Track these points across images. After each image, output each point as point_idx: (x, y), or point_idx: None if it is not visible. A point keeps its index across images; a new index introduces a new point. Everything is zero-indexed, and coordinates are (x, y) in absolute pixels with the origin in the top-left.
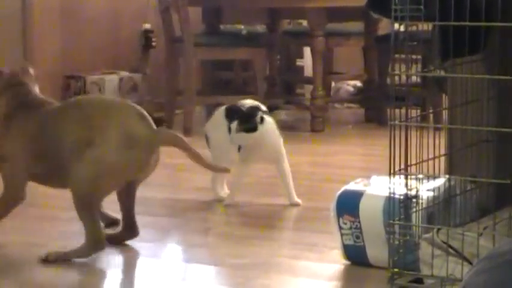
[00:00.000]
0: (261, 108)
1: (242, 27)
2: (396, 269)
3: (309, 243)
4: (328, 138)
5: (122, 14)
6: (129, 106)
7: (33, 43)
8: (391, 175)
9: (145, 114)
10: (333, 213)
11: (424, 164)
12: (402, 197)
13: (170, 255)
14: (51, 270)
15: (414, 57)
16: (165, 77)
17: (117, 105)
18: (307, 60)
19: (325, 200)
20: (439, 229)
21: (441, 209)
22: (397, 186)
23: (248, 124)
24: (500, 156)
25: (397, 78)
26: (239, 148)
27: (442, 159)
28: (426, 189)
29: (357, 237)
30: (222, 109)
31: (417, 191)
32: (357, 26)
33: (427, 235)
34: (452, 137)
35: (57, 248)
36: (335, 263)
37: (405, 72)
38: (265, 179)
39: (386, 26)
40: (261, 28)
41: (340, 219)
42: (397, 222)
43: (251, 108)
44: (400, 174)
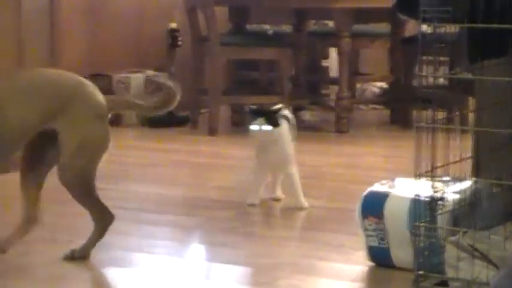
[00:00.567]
0: (284, 112)
1: (268, 27)
2: (421, 272)
3: (334, 244)
4: (353, 139)
5: (149, 13)
6: (81, 78)
7: (60, 41)
8: (416, 177)
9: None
10: (357, 215)
11: (450, 166)
12: (428, 199)
13: (193, 254)
14: (73, 265)
15: (441, 59)
16: (190, 76)
17: (72, 78)
18: (332, 61)
19: (350, 201)
20: (465, 232)
21: (467, 212)
22: (423, 188)
23: (270, 120)
24: None
25: (423, 80)
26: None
27: (468, 161)
28: (452, 192)
29: (382, 239)
30: None
31: (443, 193)
32: (383, 27)
33: (452, 238)
34: (479, 139)
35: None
36: (360, 264)
37: (432, 74)
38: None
39: (412, 27)
40: (286, 28)
41: (365, 221)
42: (422, 224)
43: (274, 109)
44: (425, 176)
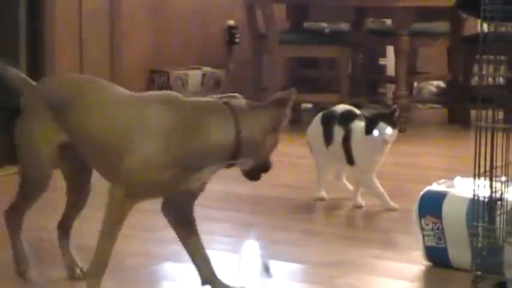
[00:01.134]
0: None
1: (325, 25)
2: (479, 272)
3: (392, 243)
4: (411, 138)
5: (209, 10)
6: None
7: (121, 38)
8: (475, 177)
9: None
10: (415, 214)
11: (510, 166)
12: (487, 199)
13: (251, 251)
14: (132, 259)
15: (502, 58)
16: (248, 74)
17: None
18: (389, 59)
19: (409, 200)
20: None
21: None
22: (482, 188)
23: (394, 121)
24: None
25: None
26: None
27: None
28: (511, 192)
29: (439, 239)
30: (319, 115)
31: (502, 193)
32: (442, 25)
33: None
34: None
35: (145, 239)
36: (417, 264)
37: (493, 73)
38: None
39: (472, 26)
40: (344, 26)
41: (423, 220)
42: (481, 224)
43: (389, 111)
44: (484, 176)
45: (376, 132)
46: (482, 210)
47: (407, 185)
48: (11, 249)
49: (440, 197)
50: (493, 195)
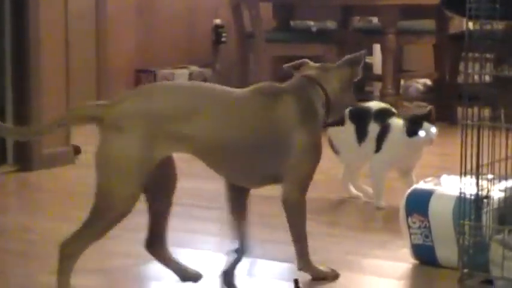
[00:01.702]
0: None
1: (312, 23)
2: (466, 270)
3: (378, 241)
4: None
5: (195, 9)
6: None
7: (107, 37)
8: (462, 175)
9: None
10: (402, 212)
11: (496, 164)
12: (473, 197)
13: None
14: (118, 260)
15: (487, 56)
16: (235, 72)
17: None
18: (376, 58)
19: (395, 198)
20: (510, 230)
21: None
22: (468, 186)
23: (432, 119)
24: None
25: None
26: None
27: None
28: (498, 190)
29: (426, 237)
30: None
31: (488, 191)
32: (428, 24)
33: (498, 236)
34: None
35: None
36: (404, 262)
37: (478, 71)
38: (337, 177)
39: (458, 24)
40: (330, 24)
41: (409, 218)
42: (467, 222)
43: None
44: (471, 174)
45: (422, 133)
46: (469, 208)
47: (393, 183)
48: None
49: (427, 195)
50: (480, 193)
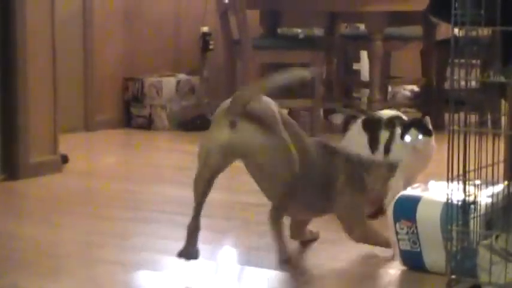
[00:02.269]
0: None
1: (299, 30)
2: (454, 276)
3: (365, 247)
4: None
5: (182, 17)
6: None
7: (94, 45)
8: (449, 180)
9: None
10: (389, 218)
11: (483, 169)
12: (460, 203)
13: (227, 257)
14: (106, 268)
15: (474, 62)
16: (223, 80)
17: None
18: (364, 64)
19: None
20: (497, 235)
21: (500, 216)
22: (456, 191)
23: (423, 128)
24: None
25: (455, 83)
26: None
27: (501, 165)
28: (485, 195)
29: (414, 243)
30: (358, 122)
31: (475, 197)
32: (415, 30)
33: (485, 241)
34: None
35: (117, 247)
36: (392, 268)
37: (465, 77)
38: None
39: (444, 30)
40: (318, 31)
41: (397, 224)
42: (455, 228)
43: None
44: (458, 179)
45: (407, 138)
46: (456, 214)
47: None
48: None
49: (415, 201)
50: (467, 198)
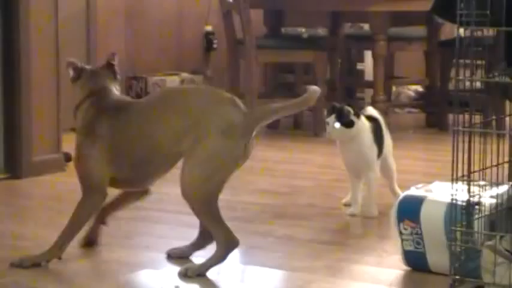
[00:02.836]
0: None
1: (303, 30)
2: (457, 276)
3: (369, 247)
4: None
5: (186, 16)
6: (219, 93)
7: (97, 44)
8: (453, 181)
9: (234, 99)
10: (393, 219)
11: (487, 170)
12: (464, 204)
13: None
14: (110, 267)
15: (478, 62)
16: (226, 79)
17: (208, 94)
18: (367, 64)
19: (386, 205)
20: (502, 236)
21: (504, 217)
22: (460, 192)
23: (343, 118)
24: None
25: (460, 83)
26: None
27: (505, 166)
28: (489, 196)
29: (418, 243)
30: (367, 125)
31: (480, 197)
32: (419, 30)
33: (489, 242)
34: None
35: (121, 247)
36: (395, 268)
37: (470, 77)
38: (325, 182)
39: (449, 30)
40: (321, 31)
41: (401, 225)
42: (459, 228)
43: (346, 106)
44: (462, 180)
45: (329, 125)
46: (460, 215)
47: (384, 189)
48: None
49: (419, 201)
50: (471, 199)
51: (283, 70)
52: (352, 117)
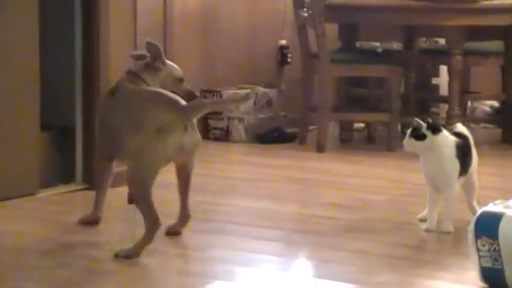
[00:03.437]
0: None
1: (377, 44)
2: None
3: (444, 263)
4: None
5: (260, 30)
6: (159, 95)
7: (173, 58)
8: None
9: (173, 98)
10: (471, 235)
11: None
12: None
13: (301, 270)
14: (179, 277)
15: None
16: (299, 93)
17: (148, 96)
18: (442, 79)
19: (463, 220)
20: None
21: None
22: None
23: (415, 131)
24: None
25: None
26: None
27: None
28: None
29: (496, 260)
30: (452, 143)
31: None
32: (496, 45)
33: None
34: None
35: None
36: (471, 285)
37: None
38: (398, 197)
39: None
40: (396, 45)
41: (478, 241)
42: None
43: (417, 120)
44: None
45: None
46: None
47: (461, 205)
48: None
49: (497, 217)
50: None
51: (356, 84)
52: (425, 130)
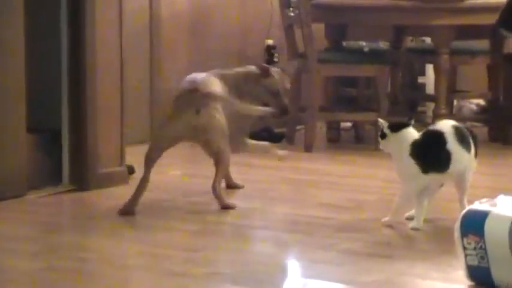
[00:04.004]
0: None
1: (364, 43)
2: None
3: (432, 262)
4: None
5: (248, 30)
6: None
7: (161, 60)
8: None
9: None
10: (457, 233)
11: None
12: None
13: (293, 271)
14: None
15: None
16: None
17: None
18: (429, 78)
19: (450, 219)
20: None
21: None
22: None
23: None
24: None
25: None
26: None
27: None
28: None
29: (482, 258)
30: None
31: None
32: (482, 44)
33: None
34: None
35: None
36: (459, 283)
37: None
38: (389, 196)
39: None
40: (382, 45)
41: (465, 239)
42: None
43: (380, 120)
44: None
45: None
46: None
47: (448, 204)
48: None
49: (483, 215)
50: None
51: (344, 84)
52: (386, 129)
